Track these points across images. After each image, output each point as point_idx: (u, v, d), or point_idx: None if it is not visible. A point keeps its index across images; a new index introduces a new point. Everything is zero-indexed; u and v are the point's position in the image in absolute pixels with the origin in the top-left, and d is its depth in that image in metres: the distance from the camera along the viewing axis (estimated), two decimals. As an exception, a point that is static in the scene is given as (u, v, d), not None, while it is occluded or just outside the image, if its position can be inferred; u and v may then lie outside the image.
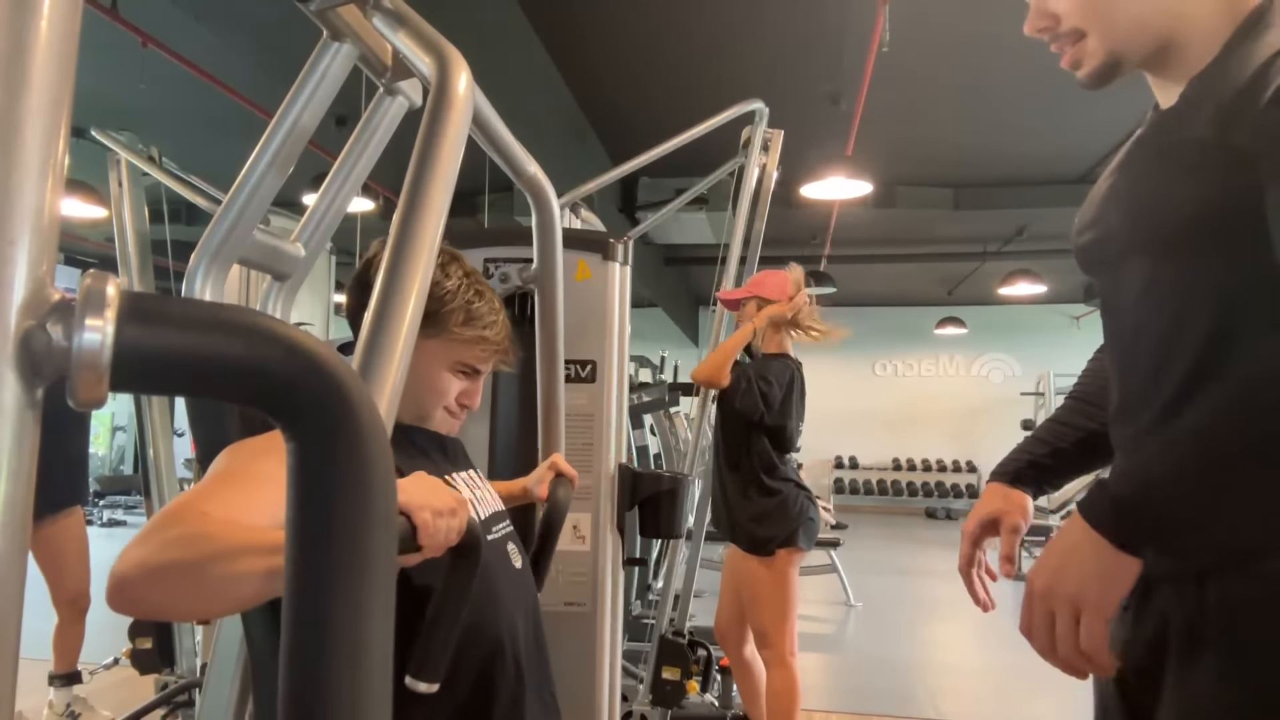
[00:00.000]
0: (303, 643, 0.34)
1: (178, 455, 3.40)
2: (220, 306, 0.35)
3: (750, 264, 3.16)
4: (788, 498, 2.71)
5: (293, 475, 0.35)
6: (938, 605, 6.34)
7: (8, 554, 0.31)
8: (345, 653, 0.34)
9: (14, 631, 0.32)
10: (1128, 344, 1.01)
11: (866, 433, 12.71)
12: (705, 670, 2.91)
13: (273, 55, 4.58)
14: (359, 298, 1.15)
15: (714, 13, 4.72)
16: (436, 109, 0.66)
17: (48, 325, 0.31)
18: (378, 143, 1.16)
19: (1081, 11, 0.97)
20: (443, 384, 1.14)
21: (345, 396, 0.34)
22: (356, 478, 0.34)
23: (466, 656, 1.03)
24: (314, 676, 0.34)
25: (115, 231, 2.92)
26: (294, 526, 0.35)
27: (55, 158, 0.32)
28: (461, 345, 1.13)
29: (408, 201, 0.61)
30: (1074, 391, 1.26)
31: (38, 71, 0.31)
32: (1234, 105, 0.85)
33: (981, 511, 1.19)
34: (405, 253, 0.58)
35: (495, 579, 1.10)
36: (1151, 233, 0.94)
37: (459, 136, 0.65)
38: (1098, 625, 0.85)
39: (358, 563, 0.34)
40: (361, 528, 0.35)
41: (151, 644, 2.79)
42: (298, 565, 0.35)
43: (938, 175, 7.53)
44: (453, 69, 0.69)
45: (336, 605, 0.34)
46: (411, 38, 0.80)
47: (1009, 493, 1.19)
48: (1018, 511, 1.17)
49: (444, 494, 0.84)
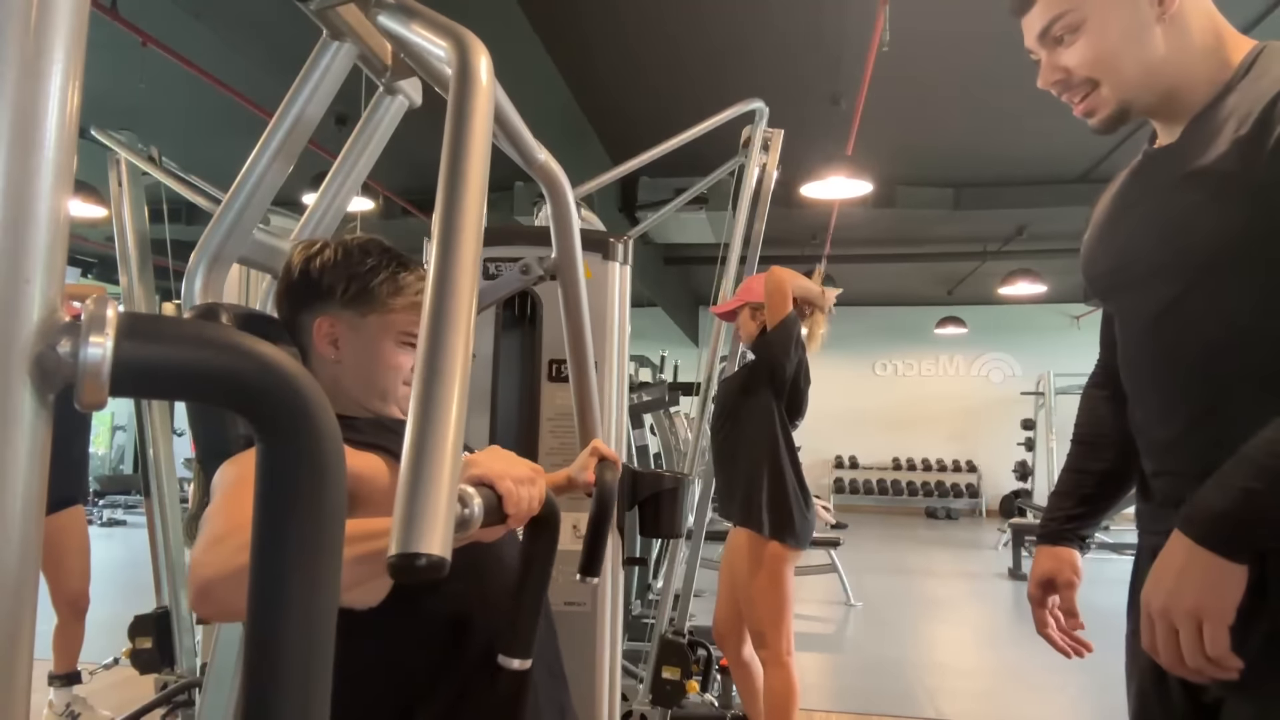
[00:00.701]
0: (262, 605, 0.41)
1: (178, 455, 3.40)
2: (204, 325, 0.42)
3: (750, 264, 3.16)
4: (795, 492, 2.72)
5: (260, 468, 0.41)
6: (938, 605, 6.34)
7: (24, 551, 0.36)
8: (299, 618, 0.41)
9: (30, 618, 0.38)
10: (1157, 360, 1.11)
11: (866, 433, 12.70)
12: (705, 670, 2.91)
13: (273, 55, 4.58)
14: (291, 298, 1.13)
15: (714, 13, 4.72)
16: (462, 92, 0.65)
17: (58, 346, 0.37)
18: (378, 142, 1.16)
19: (1093, 65, 1.08)
20: (394, 358, 1.14)
21: (306, 404, 0.41)
22: (314, 471, 0.41)
23: (478, 623, 1.05)
24: (272, 644, 0.41)
25: (115, 231, 2.92)
26: (260, 510, 0.41)
27: (63, 202, 0.38)
28: (398, 315, 1.14)
29: (447, 190, 0.60)
30: (1077, 435, 1.39)
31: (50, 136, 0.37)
32: (1250, 141, 0.97)
33: (1037, 574, 1.33)
34: (453, 244, 0.57)
35: (504, 549, 1.12)
36: (1180, 254, 1.05)
37: (488, 117, 0.65)
38: (1220, 633, 0.93)
39: (314, 542, 0.42)
40: (317, 515, 0.42)
41: (151, 644, 2.79)
42: (262, 543, 0.41)
43: (938, 175, 7.52)
44: (473, 50, 0.69)
45: (294, 578, 0.41)
46: (426, 26, 0.80)
47: (1056, 552, 1.32)
48: (1068, 568, 1.31)
49: (521, 463, 0.87)
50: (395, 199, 7.12)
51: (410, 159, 6.30)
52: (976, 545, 9.44)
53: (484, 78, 0.68)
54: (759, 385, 2.74)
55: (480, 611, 1.07)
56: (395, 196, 7.09)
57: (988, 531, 10.21)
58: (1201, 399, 1.05)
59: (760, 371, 2.74)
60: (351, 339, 1.13)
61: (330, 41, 1.00)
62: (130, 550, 7.33)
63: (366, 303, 1.12)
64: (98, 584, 3.43)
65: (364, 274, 1.12)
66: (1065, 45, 1.10)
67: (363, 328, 1.13)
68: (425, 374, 0.55)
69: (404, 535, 0.48)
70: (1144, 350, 1.13)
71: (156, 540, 2.89)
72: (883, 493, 12.50)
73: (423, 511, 0.49)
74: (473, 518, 0.77)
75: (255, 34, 4.50)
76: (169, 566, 2.86)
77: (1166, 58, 1.05)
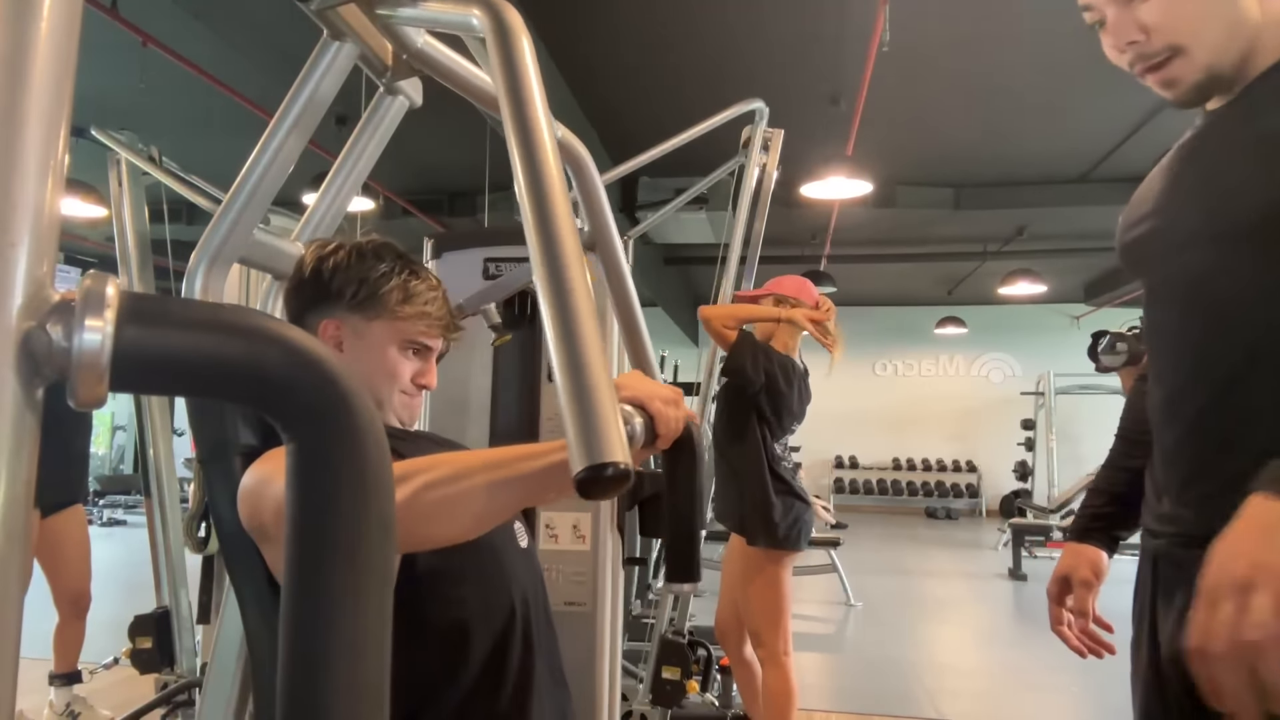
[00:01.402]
0: (301, 638, 0.35)
1: (178, 455, 3.40)
2: (220, 307, 0.35)
3: (750, 264, 3.15)
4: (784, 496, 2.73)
5: (291, 474, 0.35)
6: (938, 605, 6.34)
7: (7, 553, 0.31)
8: (342, 648, 0.34)
9: (14, 626, 0.32)
10: (1193, 328, 1.02)
11: (866, 433, 12.70)
12: (705, 670, 2.91)
13: (273, 55, 4.58)
14: (300, 297, 1.14)
15: (714, 13, 4.72)
16: (506, 48, 0.66)
17: (48, 326, 0.31)
18: (378, 142, 1.16)
19: (1174, 23, 0.95)
20: (394, 365, 1.14)
21: (343, 396, 0.34)
22: (355, 477, 0.35)
23: (481, 628, 1.05)
24: (312, 674, 0.34)
25: (115, 231, 2.92)
26: (293, 525, 0.35)
27: (56, 159, 0.32)
28: (405, 323, 1.14)
29: (520, 134, 0.60)
30: (1119, 429, 1.33)
31: (38, 73, 0.31)
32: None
33: (1057, 571, 1.29)
34: (546, 206, 0.57)
35: (506, 554, 1.12)
36: (1224, 219, 0.96)
37: (539, 76, 0.66)
38: None
39: (356, 561, 0.35)
40: (360, 526, 0.35)
41: (151, 644, 2.79)
42: (297, 563, 0.35)
43: (938, 175, 7.52)
44: (507, 13, 0.70)
45: (334, 603, 0.34)
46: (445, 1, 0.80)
47: (1079, 549, 1.29)
48: (1086, 566, 1.27)
49: (663, 386, 0.87)
50: (395, 199, 7.12)
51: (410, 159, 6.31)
52: (976, 545, 9.44)
53: (525, 39, 0.68)
54: (739, 394, 2.78)
55: (484, 617, 1.07)
56: (395, 196, 7.09)
57: (988, 531, 10.21)
58: (1227, 373, 0.96)
59: (735, 387, 2.78)
60: (355, 343, 1.13)
61: (330, 41, 0.99)
62: (130, 550, 7.32)
63: (374, 308, 1.12)
64: (98, 584, 3.43)
65: (375, 279, 1.12)
66: None
67: (368, 333, 1.13)
68: (554, 305, 0.55)
69: (586, 449, 0.47)
70: (1171, 320, 1.06)
71: (156, 540, 2.89)
72: (883, 493, 12.49)
73: (598, 425, 0.48)
74: (635, 435, 0.78)
75: (255, 34, 4.50)
76: (169, 566, 2.86)
77: (1244, 14, 0.94)
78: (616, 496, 1.03)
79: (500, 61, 0.66)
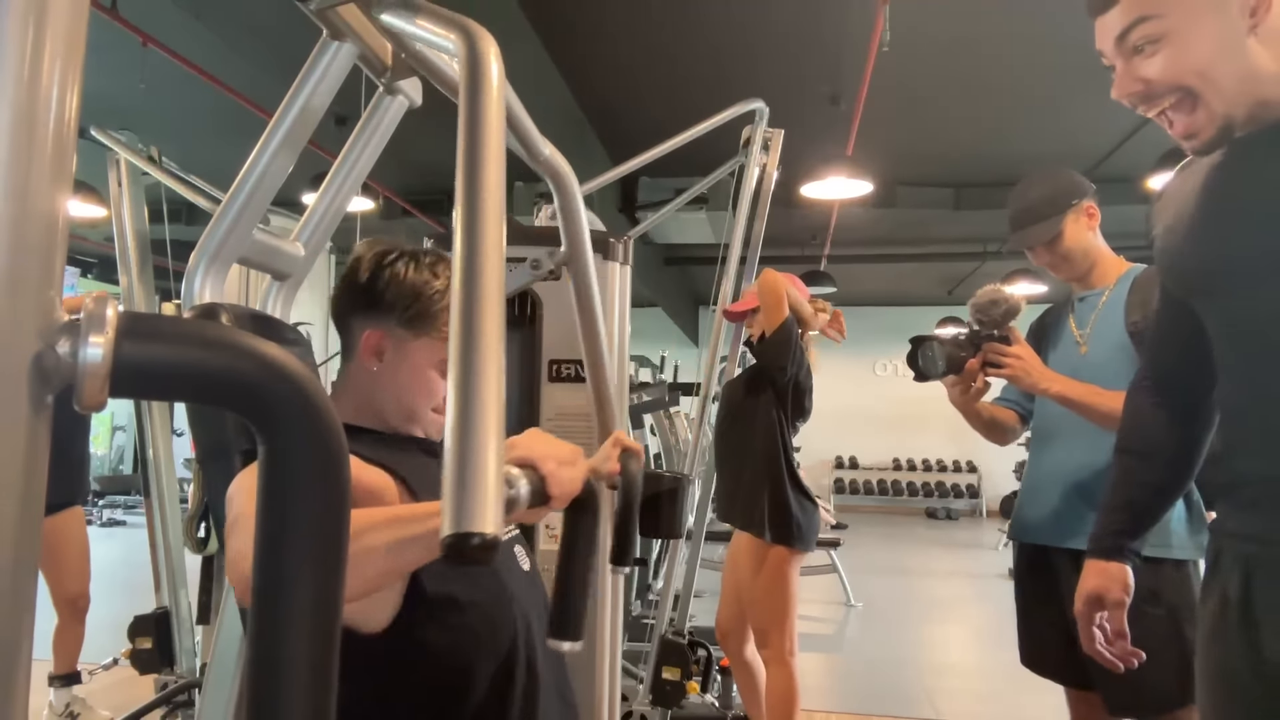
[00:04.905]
0: (267, 608, 0.41)
1: (177, 455, 3.39)
2: (204, 324, 0.42)
3: (750, 264, 3.15)
4: (799, 494, 2.72)
5: (263, 468, 0.41)
6: (938, 605, 6.34)
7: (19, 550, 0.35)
8: (303, 620, 0.41)
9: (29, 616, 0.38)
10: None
11: (866, 433, 12.70)
12: (705, 670, 2.91)
13: (273, 55, 4.58)
14: (351, 299, 1.15)
15: (714, 13, 4.72)
16: (474, 82, 0.65)
17: (56, 346, 0.37)
18: (378, 142, 1.16)
19: (1183, 76, 1.01)
20: (433, 385, 1.14)
21: (308, 402, 0.41)
22: (317, 470, 0.41)
23: (484, 655, 1.04)
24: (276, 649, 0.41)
25: (115, 231, 2.92)
26: (263, 512, 0.41)
27: (61, 202, 0.37)
28: (447, 345, 1.14)
29: (466, 179, 0.60)
30: (1124, 444, 1.33)
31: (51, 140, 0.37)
32: None
33: (1085, 590, 1.30)
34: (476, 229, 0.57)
35: (507, 579, 1.11)
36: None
37: (502, 108, 0.65)
38: None
39: (319, 543, 0.41)
40: (321, 511, 0.41)
41: (151, 644, 2.79)
42: (266, 546, 0.41)
43: (938, 175, 7.52)
44: (481, 41, 0.69)
45: (299, 579, 0.41)
46: (431, 20, 0.80)
47: (1107, 568, 1.29)
48: (1119, 586, 1.28)
49: (562, 445, 0.86)
50: (395, 199, 7.11)
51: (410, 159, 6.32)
52: (976, 545, 9.44)
53: (494, 68, 0.67)
54: (761, 389, 2.74)
55: (487, 642, 1.05)
56: (395, 196, 7.08)
57: (988, 532, 10.21)
58: None
59: (763, 376, 2.75)
60: (396, 356, 1.13)
61: (330, 41, 0.99)
62: (130, 550, 7.32)
63: (423, 325, 1.12)
64: (97, 584, 3.42)
65: (429, 296, 1.12)
66: (1145, 55, 1.03)
67: (412, 349, 1.13)
68: (461, 358, 0.54)
69: (456, 515, 0.47)
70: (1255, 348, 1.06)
71: (156, 540, 2.89)
72: (883, 493, 12.50)
73: (473, 490, 0.48)
74: (519, 498, 0.77)
75: (255, 34, 4.49)
76: (169, 566, 2.86)
77: (1262, 70, 0.99)
78: None
79: (465, 89, 0.65)
